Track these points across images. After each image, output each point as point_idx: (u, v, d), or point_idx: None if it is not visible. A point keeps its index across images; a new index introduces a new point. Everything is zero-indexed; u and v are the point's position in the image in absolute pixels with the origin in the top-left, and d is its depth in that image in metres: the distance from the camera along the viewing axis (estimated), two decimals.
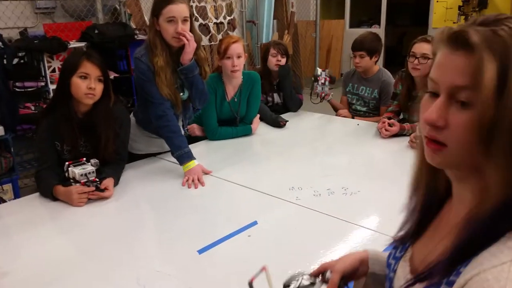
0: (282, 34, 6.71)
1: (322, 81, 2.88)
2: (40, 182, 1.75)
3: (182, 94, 2.05)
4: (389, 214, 1.33)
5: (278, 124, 2.68)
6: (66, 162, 1.71)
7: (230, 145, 2.40)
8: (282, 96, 2.98)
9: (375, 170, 2.02)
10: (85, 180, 1.66)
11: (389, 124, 2.37)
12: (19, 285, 1.20)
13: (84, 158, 1.73)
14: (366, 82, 2.94)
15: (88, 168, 1.69)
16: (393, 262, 0.75)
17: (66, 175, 1.70)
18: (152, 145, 2.21)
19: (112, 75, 3.41)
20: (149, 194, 1.80)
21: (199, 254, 1.31)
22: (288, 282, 0.82)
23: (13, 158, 3.14)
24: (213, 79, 2.39)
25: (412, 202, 0.74)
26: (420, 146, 0.67)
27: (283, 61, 2.86)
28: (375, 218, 1.47)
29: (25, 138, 3.28)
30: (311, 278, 0.83)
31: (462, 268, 0.55)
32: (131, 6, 4.56)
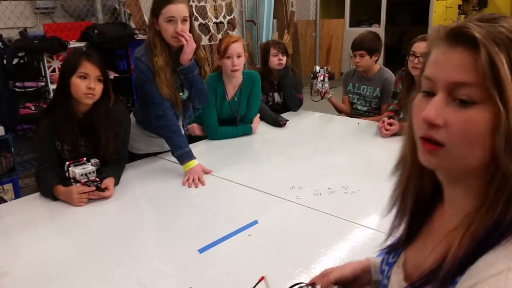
0: (282, 33, 6.71)
1: (321, 78, 2.88)
2: (40, 182, 1.75)
3: (182, 94, 2.05)
4: (393, 210, 1.33)
5: (278, 123, 2.68)
6: (67, 162, 1.71)
7: (230, 144, 2.40)
8: (282, 95, 2.98)
9: (376, 169, 2.02)
10: (85, 179, 1.66)
11: (388, 123, 2.37)
12: (19, 285, 1.20)
13: (84, 158, 1.73)
14: (367, 81, 2.94)
15: (88, 168, 1.69)
16: (386, 268, 0.74)
17: (67, 175, 1.70)
18: (152, 144, 2.21)
19: (112, 75, 3.42)
20: (149, 193, 1.80)
21: (200, 253, 1.31)
22: None
23: (13, 158, 3.14)
24: (213, 79, 2.39)
25: (401, 207, 0.72)
26: (409, 149, 0.66)
27: (284, 59, 2.86)
28: (376, 217, 1.47)
29: (25, 138, 3.28)
30: None
31: (458, 277, 0.54)
32: (131, 6, 4.56)
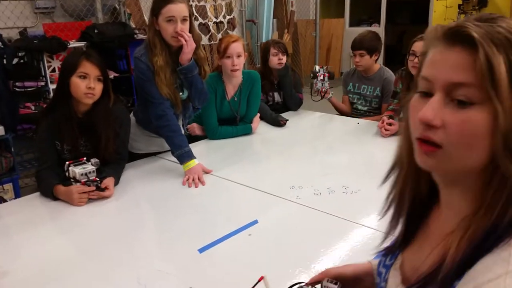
0: (282, 33, 6.71)
1: (321, 77, 2.88)
2: (40, 182, 1.75)
3: (181, 93, 2.05)
4: (389, 212, 1.32)
5: (278, 123, 2.68)
6: (67, 162, 1.71)
7: (230, 144, 2.40)
8: (282, 95, 2.98)
9: (376, 168, 2.00)
10: (85, 179, 1.66)
11: (388, 123, 2.37)
12: (19, 284, 1.20)
13: (84, 158, 1.73)
14: (367, 80, 2.93)
15: (88, 167, 1.69)
16: (383, 270, 0.73)
17: (67, 175, 1.70)
18: (152, 144, 2.21)
19: (112, 75, 3.42)
20: (149, 193, 1.80)
21: (200, 253, 1.31)
22: None
23: (13, 157, 3.14)
24: (213, 78, 2.39)
25: (397, 209, 0.71)
26: (405, 150, 0.65)
27: (284, 59, 2.86)
28: (376, 217, 1.46)
29: (25, 137, 3.28)
30: None
31: (456, 281, 0.54)
32: (131, 5, 4.56)
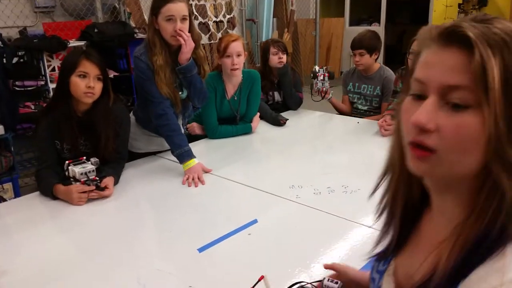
0: (282, 32, 6.70)
1: (321, 77, 2.88)
2: (40, 181, 1.75)
3: (181, 93, 2.05)
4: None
5: (278, 122, 2.68)
6: (66, 161, 1.71)
7: (230, 143, 2.40)
8: (282, 94, 2.98)
9: (375, 168, 2.00)
10: (85, 179, 1.66)
11: (388, 124, 2.37)
12: (19, 284, 1.20)
13: (84, 157, 1.73)
14: (367, 80, 2.93)
15: (88, 167, 1.69)
16: (377, 276, 0.72)
17: (66, 174, 1.70)
18: (152, 143, 2.21)
19: (111, 74, 3.41)
20: (149, 192, 1.80)
21: (199, 252, 1.31)
22: None
23: (13, 157, 3.14)
24: (213, 78, 2.39)
25: (389, 214, 0.69)
26: (397, 154, 0.63)
27: (284, 58, 2.86)
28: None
29: (25, 137, 3.28)
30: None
31: None
32: (131, 4, 4.55)
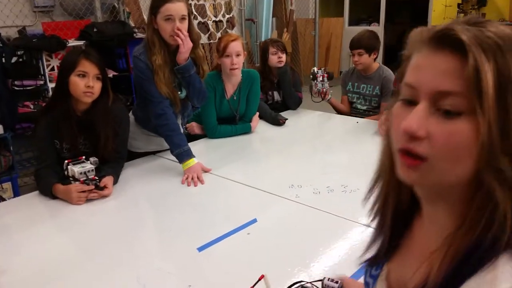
0: (281, 32, 6.70)
1: (321, 78, 2.89)
2: (39, 181, 1.75)
3: (180, 92, 2.05)
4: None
5: (278, 122, 2.68)
6: (66, 161, 1.71)
7: (229, 143, 2.40)
8: (281, 94, 2.98)
9: (375, 168, 2.02)
10: (84, 178, 1.66)
11: None
12: (19, 283, 1.20)
13: (83, 157, 1.72)
14: (366, 79, 2.94)
15: (87, 166, 1.69)
16: (370, 281, 0.72)
17: (66, 174, 1.70)
18: (151, 143, 2.21)
19: (111, 74, 3.41)
20: (148, 192, 1.80)
21: (199, 252, 1.31)
22: None
23: (12, 156, 3.14)
24: (212, 77, 2.39)
25: (380, 221, 0.68)
26: (387, 161, 0.62)
27: (284, 57, 2.87)
28: None
29: (24, 136, 3.28)
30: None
31: None
32: (130, 4, 4.55)
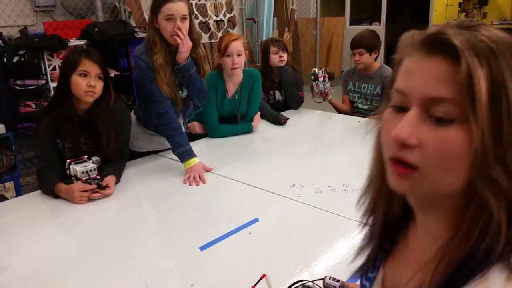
0: (282, 31, 6.70)
1: (322, 79, 2.89)
2: (41, 180, 1.76)
3: (181, 92, 2.05)
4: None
5: (279, 121, 2.68)
6: (67, 160, 1.71)
7: (231, 142, 2.40)
8: (283, 93, 2.99)
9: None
10: (86, 177, 1.66)
11: None
12: (20, 283, 1.21)
13: (85, 156, 1.73)
14: (367, 79, 2.94)
15: (89, 165, 1.69)
16: (367, 284, 0.71)
17: (68, 173, 1.70)
18: (153, 142, 2.21)
19: (112, 73, 3.41)
20: (150, 191, 1.81)
21: (201, 251, 1.31)
22: None
23: (14, 156, 3.15)
24: (213, 77, 2.39)
25: (370, 228, 0.67)
26: (377, 169, 0.60)
27: (285, 56, 2.87)
28: None
29: (26, 136, 3.28)
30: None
31: None
32: (131, 4, 4.56)
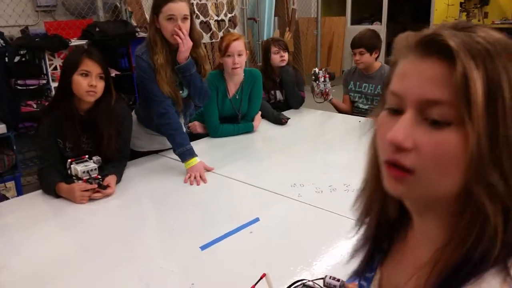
0: (283, 31, 6.70)
1: (322, 79, 2.89)
2: (42, 180, 1.76)
3: (181, 92, 2.05)
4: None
5: (280, 121, 2.68)
6: (69, 160, 1.71)
7: (232, 142, 2.40)
8: (284, 93, 2.99)
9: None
10: (87, 177, 1.66)
11: None
12: (21, 282, 1.21)
13: (86, 156, 1.73)
14: (368, 79, 2.93)
15: (90, 165, 1.69)
16: (364, 284, 0.71)
17: (69, 172, 1.70)
18: (154, 142, 2.21)
19: (113, 73, 3.41)
20: (151, 191, 1.81)
21: (202, 250, 1.31)
22: None
23: (15, 155, 3.15)
24: (214, 77, 2.39)
25: (364, 231, 0.67)
26: (372, 172, 0.60)
27: (286, 55, 2.87)
28: None
29: (27, 135, 3.28)
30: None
31: None
32: (132, 3, 4.56)
